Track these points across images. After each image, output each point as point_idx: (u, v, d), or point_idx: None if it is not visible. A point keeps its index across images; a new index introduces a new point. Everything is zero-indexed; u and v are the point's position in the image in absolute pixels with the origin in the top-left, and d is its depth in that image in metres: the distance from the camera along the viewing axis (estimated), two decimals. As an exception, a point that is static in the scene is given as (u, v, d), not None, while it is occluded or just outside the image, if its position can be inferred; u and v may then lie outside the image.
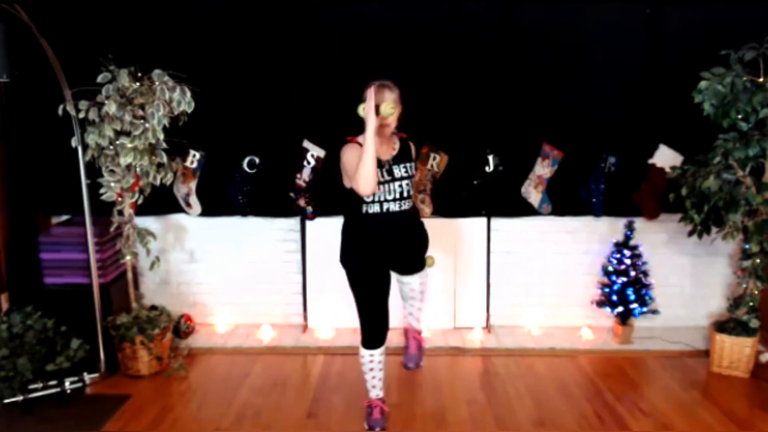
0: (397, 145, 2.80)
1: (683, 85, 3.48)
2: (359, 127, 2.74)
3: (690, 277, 4.17)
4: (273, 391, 3.37)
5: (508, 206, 4.03)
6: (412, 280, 2.97)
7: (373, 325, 2.87)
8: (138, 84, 3.29)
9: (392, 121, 2.69)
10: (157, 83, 3.28)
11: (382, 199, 2.71)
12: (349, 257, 2.85)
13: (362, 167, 2.54)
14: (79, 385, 3.23)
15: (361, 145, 2.65)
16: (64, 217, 4.07)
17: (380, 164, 2.70)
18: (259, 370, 3.63)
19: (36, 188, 3.92)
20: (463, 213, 4.03)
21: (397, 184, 2.72)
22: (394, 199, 2.72)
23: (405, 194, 2.74)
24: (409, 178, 2.76)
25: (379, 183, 2.68)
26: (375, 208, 2.72)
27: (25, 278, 3.78)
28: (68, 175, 3.56)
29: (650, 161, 3.93)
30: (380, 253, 2.80)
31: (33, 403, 3.12)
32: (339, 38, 3.79)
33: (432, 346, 3.86)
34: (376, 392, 3.01)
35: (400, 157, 2.77)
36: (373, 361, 2.92)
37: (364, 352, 2.91)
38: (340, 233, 2.88)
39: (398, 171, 2.73)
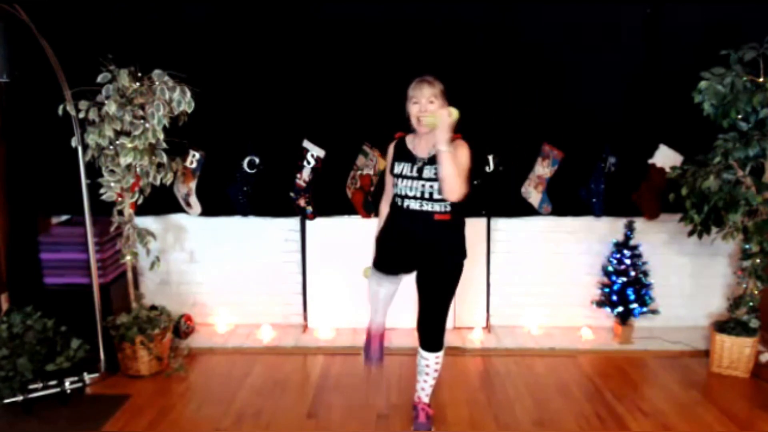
0: None
1: (683, 84, 3.48)
2: (359, 127, 2.76)
3: (690, 277, 4.17)
4: (273, 391, 3.37)
5: (508, 206, 4.03)
6: (430, 357, 2.89)
7: (383, 260, 2.84)
8: (138, 84, 3.28)
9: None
10: (157, 83, 3.27)
11: (403, 194, 2.69)
12: (376, 241, 2.88)
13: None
14: (79, 385, 3.23)
15: (398, 140, 2.79)
16: (64, 217, 4.07)
17: (414, 160, 2.70)
18: (259, 370, 3.63)
19: (36, 188, 3.92)
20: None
21: (421, 183, 2.66)
22: (415, 197, 2.67)
23: (427, 195, 2.64)
24: (439, 180, 2.60)
25: (405, 177, 2.68)
26: (399, 202, 2.74)
27: (25, 278, 3.78)
28: (68, 175, 3.56)
29: (650, 161, 3.93)
30: (398, 251, 2.77)
31: (33, 403, 3.12)
32: (339, 38, 3.79)
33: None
34: (377, 319, 2.98)
35: (436, 159, 2.64)
36: (380, 285, 2.87)
37: (372, 271, 2.89)
38: None
39: (428, 172, 2.65)
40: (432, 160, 2.66)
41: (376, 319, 3.01)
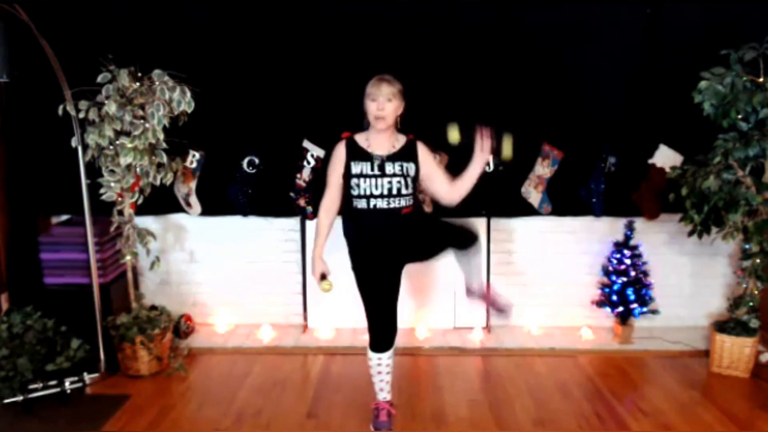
0: (399, 144, 2.74)
1: (683, 84, 3.48)
2: (359, 128, 2.77)
3: (690, 277, 4.17)
4: (273, 391, 3.37)
5: (508, 206, 4.03)
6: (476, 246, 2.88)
7: (380, 328, 2.85)
8: (138, 84, 3.28)
9: (387, 115, 2.66)
10: (157, 83, 3.28)
11: (368, 193, 2.66)
12: (351, 258, 2.85)
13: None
14: (79, 385, 3.23)
15: (347, 140, 2.74)
16: (64, 217, 4.07)
17: (372, 158, 2.69)
18: (259, 370, 3.63)
19: (36, 188, 3.92)
20: (463, 213, 4.02)
21: (386, 180, 2.66)
22: (381, 195, 2.65)
23: (395, 191, 2.66)
24: (403, 176, 2.67)
25: (367, 177, 2.66)
26: (362, 204, 2.68)
27: (25, 278, 3.78)
28: (68, 175, 3.56)
29: (650, 161, 3.93)
30: (375, 252, 2.76)
31: (33, 403, 3.12)
32: (339, 38, 3.79)
33: (432, 346, 3.87)
34: (383, 395, 3.00)
35: (398, 156, 2.71)
36: (380, 364, 2.90)
37: (371, 354, 2.90)
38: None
39: (390, 168, 2.67)
40: (392, 157, 2.70)
41: (382, 396, 3.01)
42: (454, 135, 2.70)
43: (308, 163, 3.90)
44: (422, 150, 2.78)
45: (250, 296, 4.22)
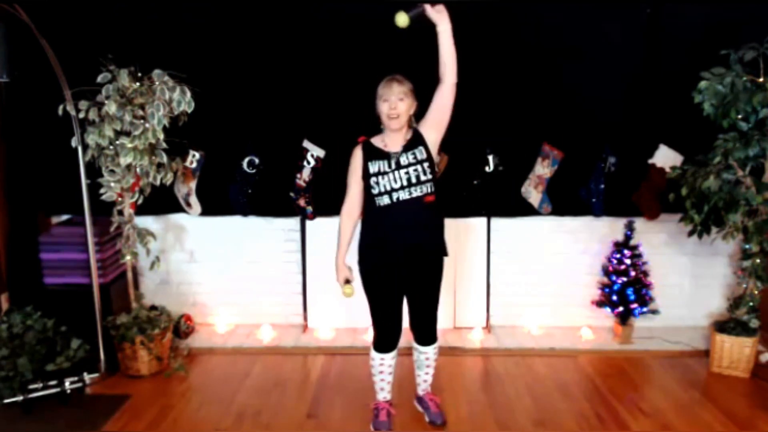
0: (409, 135, 2.75)
1: (683, 84, 3.48)
2: (359, 127, 2.76)
3: (690, 277, 4.17)
4: (273, 391, 3.37)
5: (508, 206, 4.03)
6: (429, 350, 2.93)
7: (385, 329, 2.85)
8: (138, 84, 3.28)
9: (401, 113, 2.67)
10: (157, 83, 3.28)
11: (389, 188, 2.67)
12: (362, 256, 2.83)
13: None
14: (79, 385, 3.23)
15: (363, 143, 2.73)
16: (64, 217, 4.07)
17: (389, 156, 2.70)
18: (259, 370, 3.63)
19: (36, 188, 3.92)
20: (463, 213, 4.02)
21: (403, 171, 2.67)
22: (402, 187, 2.66)
23: (414, 180, 2.66)
24: (418, 163, 2.67)
25: (385, 173, 2.68)
26: (385, 200, 2.68)
27: (25, 278, 3.78)
28: (68, 175, 3.56)
29: (650, 161, 3.93)
30: (392, 252, 2.72)
31: (33, 403, 3.11)
32: (340, 38, 3.79)
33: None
34: (383, 395, 3.00)
35: (409, 146, 2.72)
36: (383, 364, 2.91)
37: (374, 354, 2.90)
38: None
39: (405, 159, 2.69)
40: (405, 148, 2.71)
41: (382, 395, 3.01)
42: (401, 18, 2.67)
43: (308, 163, 3.90)
44: (422, 123, 2.77)
45: (250, 296, 4.22)
